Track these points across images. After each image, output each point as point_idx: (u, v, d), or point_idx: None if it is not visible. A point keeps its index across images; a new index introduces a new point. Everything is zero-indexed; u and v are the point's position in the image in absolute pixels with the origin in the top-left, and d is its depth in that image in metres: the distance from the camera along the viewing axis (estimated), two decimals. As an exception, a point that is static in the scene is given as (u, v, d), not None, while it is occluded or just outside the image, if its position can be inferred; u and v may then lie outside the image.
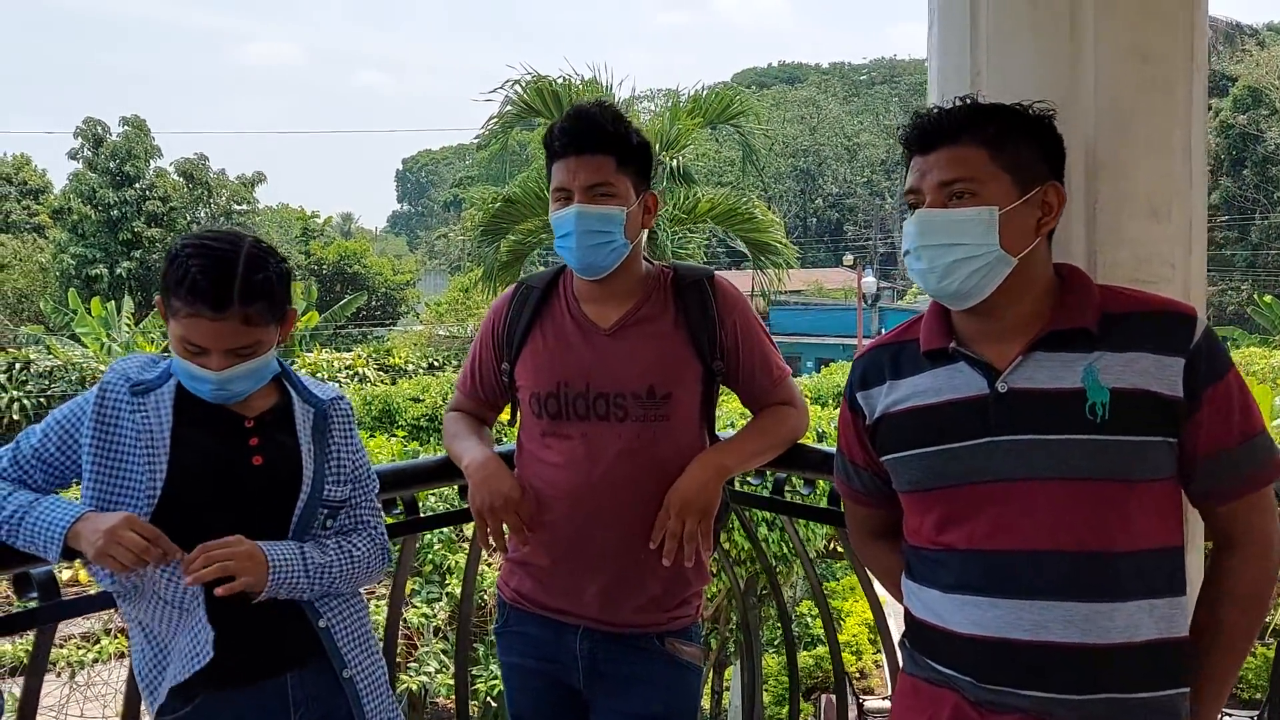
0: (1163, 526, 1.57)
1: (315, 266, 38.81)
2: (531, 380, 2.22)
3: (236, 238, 1.91)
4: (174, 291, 1.83)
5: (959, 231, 1.59)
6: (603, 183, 2.12)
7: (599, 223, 2.12)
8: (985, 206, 1.57)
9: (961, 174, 1.59)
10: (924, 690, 1.71)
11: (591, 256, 2.14)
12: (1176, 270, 1.85)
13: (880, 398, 1.75)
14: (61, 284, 32.39)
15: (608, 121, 2.14)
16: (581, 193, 2.12)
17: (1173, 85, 1.83)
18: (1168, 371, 1.54)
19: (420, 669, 7.56)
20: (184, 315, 1.83)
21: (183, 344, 1.87)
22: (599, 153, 2.12)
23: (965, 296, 1.62)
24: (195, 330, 1.84)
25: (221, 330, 1.84)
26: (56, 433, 1.91)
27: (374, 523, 2.15)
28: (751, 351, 2.25)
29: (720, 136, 18.92)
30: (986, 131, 1.59)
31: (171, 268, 1.85)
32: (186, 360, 1.88)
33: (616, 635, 2.20)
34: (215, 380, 1.88)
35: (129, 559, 1.76)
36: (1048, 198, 1.61)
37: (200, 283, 1.81)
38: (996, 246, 1.57)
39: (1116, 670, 1.54)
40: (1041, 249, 1.63)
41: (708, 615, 8.93)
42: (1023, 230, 1.59)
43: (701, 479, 2.11)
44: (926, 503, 1.69)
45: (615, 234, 2.13)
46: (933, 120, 1.63)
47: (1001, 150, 1.58)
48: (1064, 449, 1.55)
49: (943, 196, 1.61)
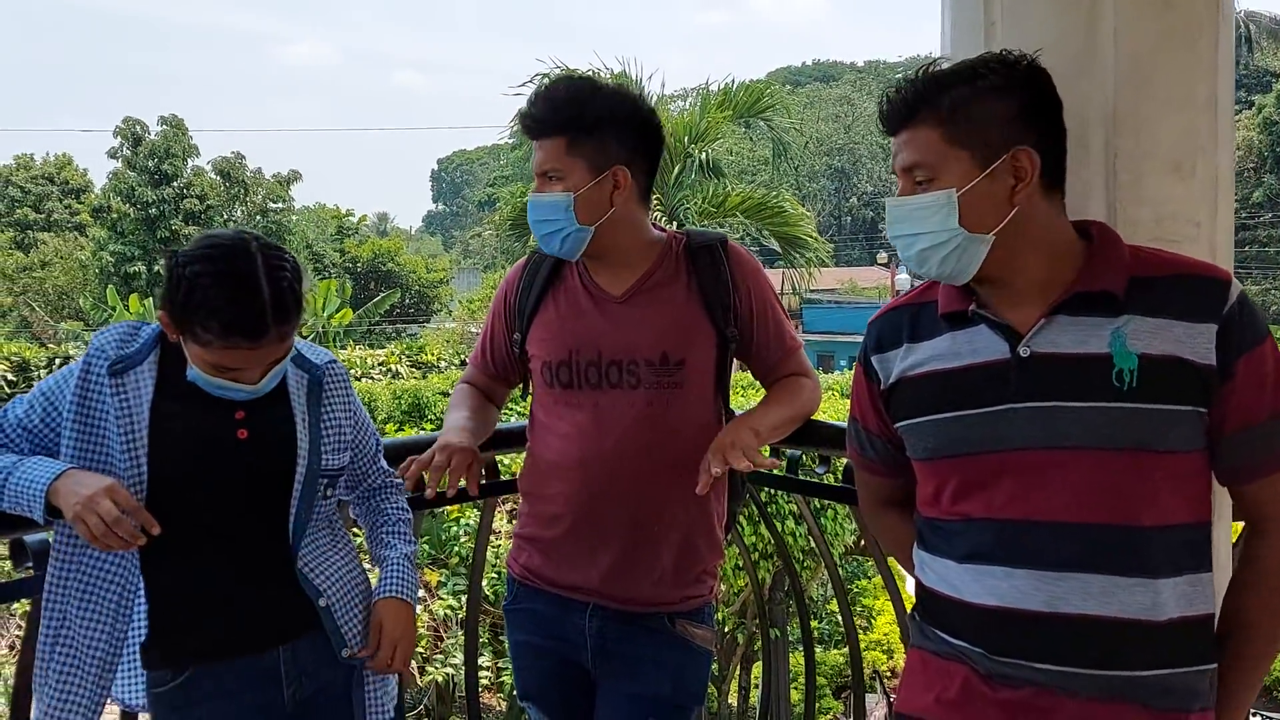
0: (1190, 500, 1.50)
1: (350, 264, 39.16)
2: (543, 349, 2.18)
3: (244, 247, 1.80)
4: (200, 324, 1.76)
5: (919, 219, 1.54)
6: (550, 169, 2.09)
7: (545, 210, 2.09)
8: (942, 191, 1.51)
9: (917, 159, 1.53)
10: (932, 663, 1.64)
11: (549, 244, 2.12)
12: (1201, 229, 1.77)
13: (896, 361, 1.68)
14: (101, 281, 32.80)
15: (559, 102, 2.08)
16: (538, 178, 2.11)
17: (1196, 35, 1.74)
18: (1199, 339, 1.45)
19: (446, 660, 7.55)
20: (218, 346, 1.77)
21: (213, 368, 1.82)
22: (549, 136, 2.08)
23: (950, 278, 1.57)
24: (229, 358, 1.80)
25: (260, 355, 1.82)
26: (40, 405, 1.87)
27: (395, 482, 2.18)
28: (765, 319, 2.19)
29: (754, 135, 18.81)
30: (940, 108, 1.51)
31: (188, 296, 1.76)
32: (216, 378, 1.83)
33: (626, 614, 2.15)
34: (253, 391, 1.87)
35: (100, 530, 1.70)
36: (1018, 163, 1.50)
37: (234, 321, 1.75)
38: (958, 229, 1.50)
39: (1135, 645, 1.46)
40: (1038, 212, 1.53)
41: (734, 610, 8.88)
42: (992, 204, 1.50)
43: (741, 434, 2.01)
44: (943, 471, 1.62)
45: (561, 221, 2.07)
46: (891, 101, 1.57)
47: (957, 126, 1.50)
48: (1088, 416, 1.47)
49: (909, 182, 1.56)
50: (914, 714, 1.66)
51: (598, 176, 2.08)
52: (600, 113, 2.08)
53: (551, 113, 2.07)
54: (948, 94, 1.51)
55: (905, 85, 1.55)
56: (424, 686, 7.59)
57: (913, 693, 1.68)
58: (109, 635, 1.85)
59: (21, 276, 36.38)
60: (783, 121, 15.02)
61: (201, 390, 1.88)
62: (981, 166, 1.50)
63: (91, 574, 1.85)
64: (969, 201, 1.50)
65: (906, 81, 1.56)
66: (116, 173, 36.27)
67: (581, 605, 2.17)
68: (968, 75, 1.52)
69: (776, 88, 15.05)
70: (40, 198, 44.27)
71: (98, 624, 1.84)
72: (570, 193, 2.06)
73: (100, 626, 1.85)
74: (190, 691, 1.89)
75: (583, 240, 2.10)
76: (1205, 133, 1.77)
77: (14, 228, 42.59)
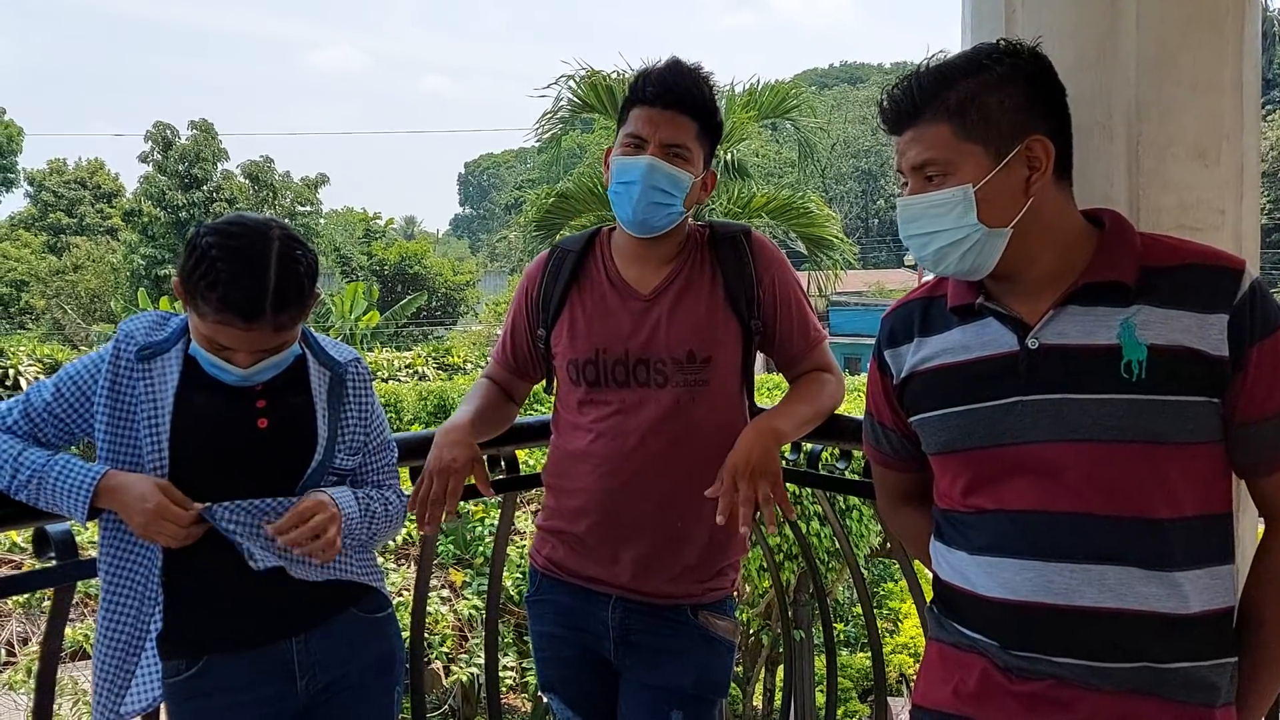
0: (1206, 492, 1.47)
1: (377, 267, 39.34)
2: (569, 347, 2.17)
3: (265, 231, 1.81)
4: (201, 294, 1.76)
5: (936, 217, 1.50)
6: (682, 144, 2.08)
7: (667, 182, 2.06)
8: (958, 187, 1.48)
9: (929, 156, 1.50)
10: (950, 656, 1.62)
11: (648, 214, 2.08)
12: (1226, 217, 1.73)
13: (908, 355, 1.67)
14: (132, 284, 33.16)
15: (702, 85, 2.10)
16: (659, 147, 2.07)
17: (1222, 18, 1.70)
18: (1211, 329, 1.42)
19: (471, 660, 7.55)
20: (212, 319, 1.78)
21: (208, 341, 1.83)
22: (686, 113, 2.08)
23: (968, 274, 1.54)
24: (223, 335, 1.80)
25: (252, 338, 1.81)
26: (70, 390, 1.88)
27: (396, 484, 2.14)
28: (789, 311, 2.18)
29: (780, 137, 18.80)
30: (948, 103, 1.47)
31: (197, 264, 1.77)
32: (210, 353, 1.84)
33: (649, 606, 2.14)
34: (240, 375, 1.86)
35: (179, 535, 1.80)
36: (1032, 152, 1.48)
37: (231, 295, 1.75)
38: (977, 224, 1.47)
39: (1151, 638, 1.44)
40: (1050, 202, 1.50)
41: (759, 611, 8.83)
42: (1009, 197, 1.48)
43: (762, 444, 1.99)
44: (956, 465, 1.60)
45: (678, 199, 2.08)
46: (894, 99, 1.53)
47: (966, 120, 1.47)
48: (1097, 409, 1.45)
49: (920, 180, 1.52)
50: (932, 707, 1.64)
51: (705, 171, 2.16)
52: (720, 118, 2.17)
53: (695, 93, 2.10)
54: (954, 88, 1.48)
55: (908, 82, 1.52)
56: (449, 687, 7.59)
57: (931, 685, 1.66)
58: (135, 621, 1.88)
59: (54, 280, 36.88)
60: (809, 122, 14.95)
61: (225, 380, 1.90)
62: (995, 159, 1.47)
63: (126, 563, 1.89)
64: (985, 196, 1.47)
65: (908, 79, 1.53)
66: (147, 177, 36.70)
67: (604, 597, 2.16)
68: (972, 67, 1.49)
69: (802, 88, 14.95)
70: (73, 202, 44.90)
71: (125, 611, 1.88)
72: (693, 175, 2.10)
73: (127, 615, 1.88)
74: (204, 682, 1.90)
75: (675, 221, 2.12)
76: (1230, 118, 1.72)
77: (47, 231, 43.19)
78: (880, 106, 1.57)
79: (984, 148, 1.47)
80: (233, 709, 1.91)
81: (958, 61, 1.51)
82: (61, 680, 5.33)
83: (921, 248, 1.55)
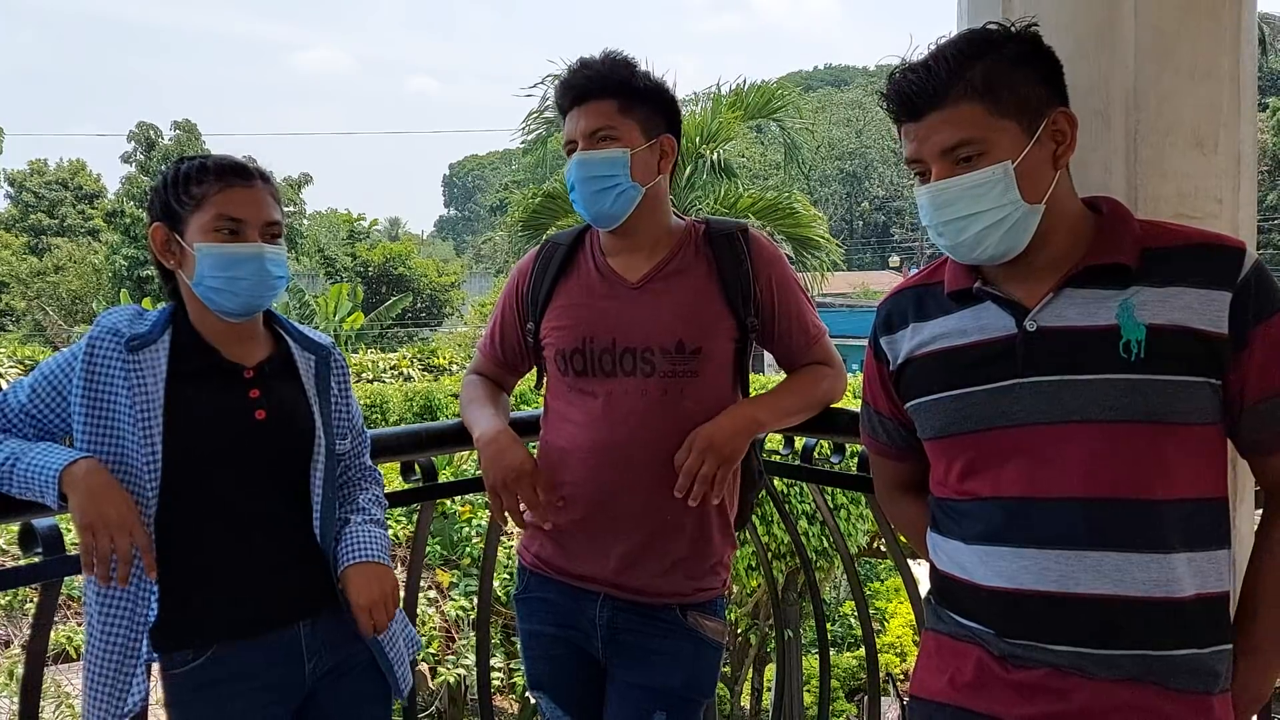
0: (1204, 475, 1.46)
1: (361, 268, 39.13)
2: (557, 337, 2.16)
3: None
4: (195, 183, 1.85)
5: (977, 198, 1.46)
6: (602, 127, 2.06)
7: (600, 167, 2.06)
8: (998, 164, 1.45)
9: (964, 135, 1.46)
10: (947, 645, 1.61)
11: (598, 203, 2.08)
12: (1224, 205, 1.73)
13: (904, 341, 1.66)
14: (114, 285, 32.89)
15: (606, 67, 2.08)
16: (583, 140, 2.07)
17: (1219, 6, 1.70)
18: (1212, 306, 1.42)
19: (458, 661, 7.52)
20: (216, 193, 1.84)
21: (217, 223, 1.85)
22: (598, 99, 2.07)
23: (1003, 256, 1.51)
24: (231, 201, 1.85)
25: (257, 197, 1.88)
26: (45, 389, 1.83)
27: (374, 475, 2.16)
28: (788, 308, 2.16)
29: (765, 139, 18.79)
30: (974, 82, 1.45)
31: (182, 174, 1.87)
32: (221, 245, 1.84)
33: (638, 605, 2.12)
34: (257, 256, 1.86)
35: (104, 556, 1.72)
36: (1058, 125, 1.47)
37: (224, 163, 1.88)
38: (1020, 201, 1.45)
39: (1149, 625, 1.43)
40: (1062, 182, 1.50)
41: (747, 610, 8.83)
42: (1042, 171, 1.47)
43: (731, 427, 2.02)
44: (951, 450, 1.59)
45: (619, 177, 2.06)
46: (913, 85, 1.49)
47: (997, 97, 1.45)
48: (1095, 389, 1.44)
49: (949, 163, 1.48)
50: (929, 698, 1.63)
51: (649, 141, 2.10)
52: (648, 83, 2.11)
53: (602, 76, 2.08)
54: (976, 67, 1.46)
55: (928, 67, 1.48)
56: (435, 689, 7.55)
57: (927, 676, 1.65)
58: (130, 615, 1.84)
59: (35, 281, 36.62)
60: (794, 123, 14.98)
61: (216, 371, 1.89)
62: (1030, 134, 1.46)
63: None
64: (1024, 171, 1.46)
65: (919, 65, 1.50)
66: (130, 177, 36.56)
67: (593, 595, 2.15)
68: (989, 47, 1.47)
69: (788, 88, 14.98)
70: (54, 203, 44.62)
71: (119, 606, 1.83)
72: (627, 150, 2.06)
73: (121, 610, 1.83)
74: (213, 670, 1.86)
75: (633, 200, 2.08)
76: (1228, 106, 1.72)
77: (28, 233, 42.91)
78: (887, 97, 1.54)
79: (1018, 123, 1.46)
80: (241, 697, 1.87)
81: (971, 43, 1.49)
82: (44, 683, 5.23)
83: (959, 232, 1.50)
